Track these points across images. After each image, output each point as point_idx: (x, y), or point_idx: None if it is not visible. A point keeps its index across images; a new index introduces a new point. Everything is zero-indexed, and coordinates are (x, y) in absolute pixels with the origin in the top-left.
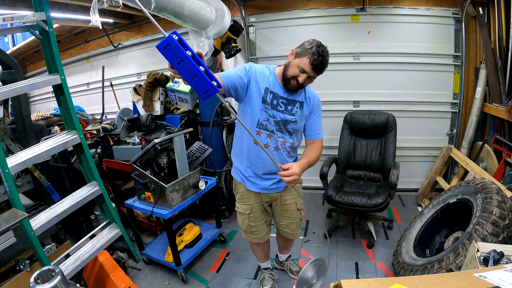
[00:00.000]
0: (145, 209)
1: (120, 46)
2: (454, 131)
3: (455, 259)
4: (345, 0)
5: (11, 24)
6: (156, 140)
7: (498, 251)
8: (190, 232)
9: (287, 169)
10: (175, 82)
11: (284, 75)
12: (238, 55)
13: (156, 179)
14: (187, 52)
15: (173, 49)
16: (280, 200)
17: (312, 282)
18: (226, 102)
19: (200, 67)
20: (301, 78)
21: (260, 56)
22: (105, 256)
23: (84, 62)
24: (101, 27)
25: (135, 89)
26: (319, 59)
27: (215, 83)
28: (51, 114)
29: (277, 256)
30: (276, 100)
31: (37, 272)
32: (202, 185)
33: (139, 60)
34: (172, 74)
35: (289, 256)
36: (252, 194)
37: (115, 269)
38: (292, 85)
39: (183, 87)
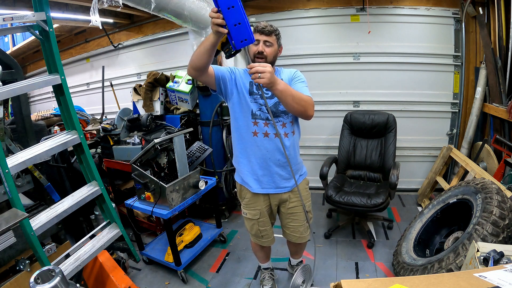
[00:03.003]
0: (145, 209)
1: (120, 46)
2: (454, 131)
3: (455, 259)
4: (345, 0)
5: (11, 24)
6: (156, 140)
7: (498, 251)
8: (190, 232)
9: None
10: (175, 82)
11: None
12: (238, 55)
13: (156, 179)
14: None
15: None
16: (289, 201)
17: (301, 286)
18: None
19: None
20: (260, 47)
21: None
22: (105, 256)
23: (84, 62)
24: (101, 27)
25: (135, 89)
26: (258, 23)
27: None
28: (51, 114)
29: (289, 260)
30: (260, 90)
31: (37, 272)
32: (202, 185)
33: (139, 60)
34: (212, 20)
35: (301, 261)
36: (261, 198)
37: (115, 269)
38: (259, 62)
39: (183, 87)
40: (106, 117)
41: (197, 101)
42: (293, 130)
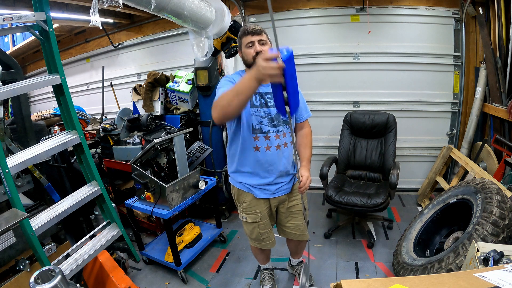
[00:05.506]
0: (145, 209)
1: (120, 46)
2: (454, 131)
3: (455, 259)
4: (345, 0)
5: (11, 24)
6: (156, 140)
7: (498, 251)
8: (190, 232)
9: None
10: (175, 82)
11: (248, 65)
12: (238, 55)
13: (156, 179)
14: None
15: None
16: (288, 201)
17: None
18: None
19: (284, 92)
20: (257, 48)
21: None
22: (105, 256)
23: (84, 62)
24: (101, 27)
25: (135, 89)
26: (246, 26)
27: (287, 108)
28: (51, 114)
29: (289, 260)
30: (263, 99)
31: (37, 272)
32: (202, 185)
33: (139, 60)
34: (272, 67)
35: (301, 261)
36: (261, 201)
37: (115, 269)
38: None
39: (183, 87)
40: (106, 117)
41: (197, 101)
42: (291, 139)
